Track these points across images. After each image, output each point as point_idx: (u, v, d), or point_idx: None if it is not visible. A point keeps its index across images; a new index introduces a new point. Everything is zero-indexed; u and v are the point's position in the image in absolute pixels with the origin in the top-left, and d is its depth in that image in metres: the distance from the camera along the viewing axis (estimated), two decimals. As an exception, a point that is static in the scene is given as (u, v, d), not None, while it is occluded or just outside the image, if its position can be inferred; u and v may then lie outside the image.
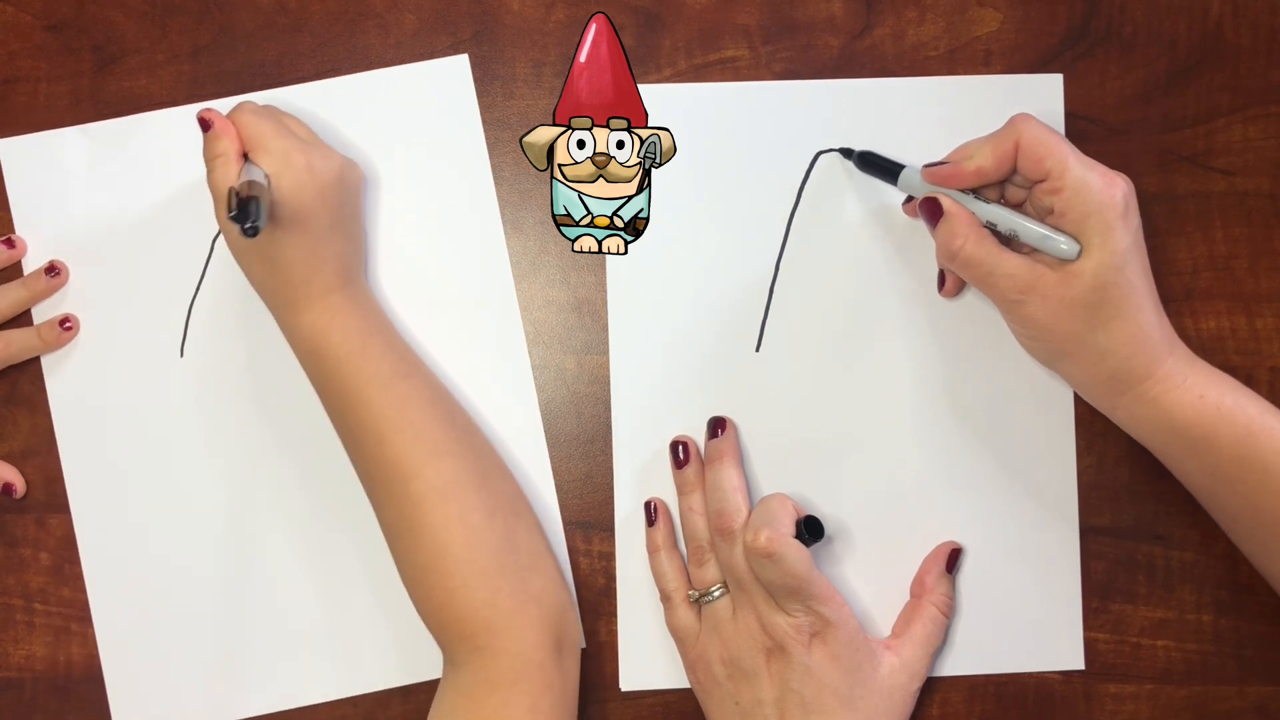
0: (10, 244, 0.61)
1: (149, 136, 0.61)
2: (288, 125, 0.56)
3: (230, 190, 0.50)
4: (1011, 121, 0.53)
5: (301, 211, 0.53)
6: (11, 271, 0.61)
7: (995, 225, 0.53)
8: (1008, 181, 0.54)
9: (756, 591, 0.55)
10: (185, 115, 0.61)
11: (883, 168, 0.57)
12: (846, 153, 0.59)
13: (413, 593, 0.55)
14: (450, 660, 0.54)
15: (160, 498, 0.61)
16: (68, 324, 0.60)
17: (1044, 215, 0.52)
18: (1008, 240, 0.53)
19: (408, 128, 0.60)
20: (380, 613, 0.60)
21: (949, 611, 0.58)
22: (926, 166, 0.54)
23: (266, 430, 0.61)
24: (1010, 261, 0.52)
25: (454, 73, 0.60)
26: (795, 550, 0.53)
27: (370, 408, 0.54)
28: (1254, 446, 0.51)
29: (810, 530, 0.55)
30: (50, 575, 0.61)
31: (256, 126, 0.54)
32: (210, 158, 0.54)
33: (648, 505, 0.59)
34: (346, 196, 0.57)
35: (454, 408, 0.58)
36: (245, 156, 0.54)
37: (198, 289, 0.61)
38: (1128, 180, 0.51)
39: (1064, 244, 0.51)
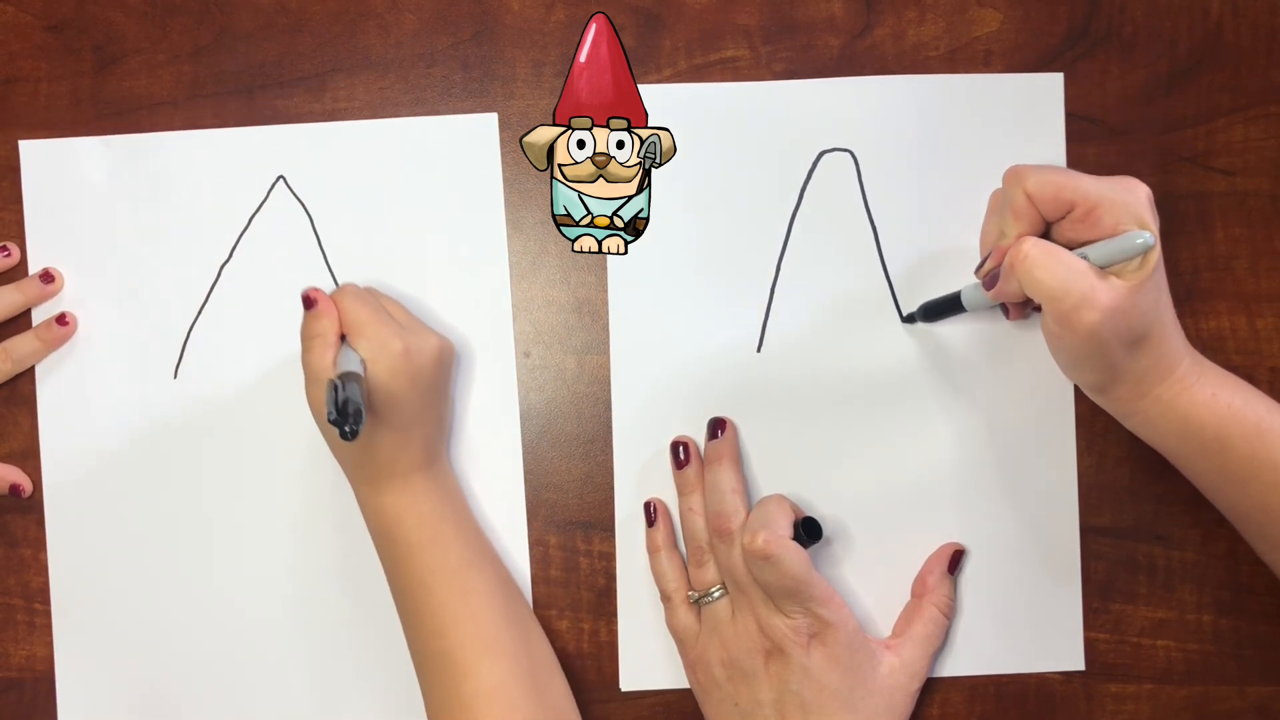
0: (6, 252, 0.61)
1: (171, 156, 0.61)
2: (387, 309, 0.56)
3: (330, 385, 0.49)
4: (1007, 183, 0.53)
5: (394, 397, 0.53)
6: (8, 277, 0.61)
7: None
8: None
9: (755, 593, 0.55)
10: (209, 138, 0.61)
11: (945, 306, 0.57)
12: (910, 319, 0.59)
13: None
14: None
15: (135, 513, 0.61)
16: (65, 320, 0.60)
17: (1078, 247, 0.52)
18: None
19: (429, 175, 0.61)
20: (355, 648, 0.60)
21: (950, 612, 0.58)
22: (978, 272, 0.55)
23: (251, 461, 0.61)
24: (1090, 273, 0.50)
25: (481, 129, 0.61)
26: (793, 552, 0.53)
27: (433, 598, 0.54)
28: (1264, 445, 0.51)
29: (808, 532, 0.55)
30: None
31: (356, 311, 0.54)
32: (309, 336, 0.54)
33: (647, 506, 0.59)
34: (440, 377, 0.57)
35: (515, 601, 0.57)
36: (343, 338, 0.54)
37: (199, 313, 0.61)
38: (1145, 188, 0.51)
39: (1138, 239, 0.49)
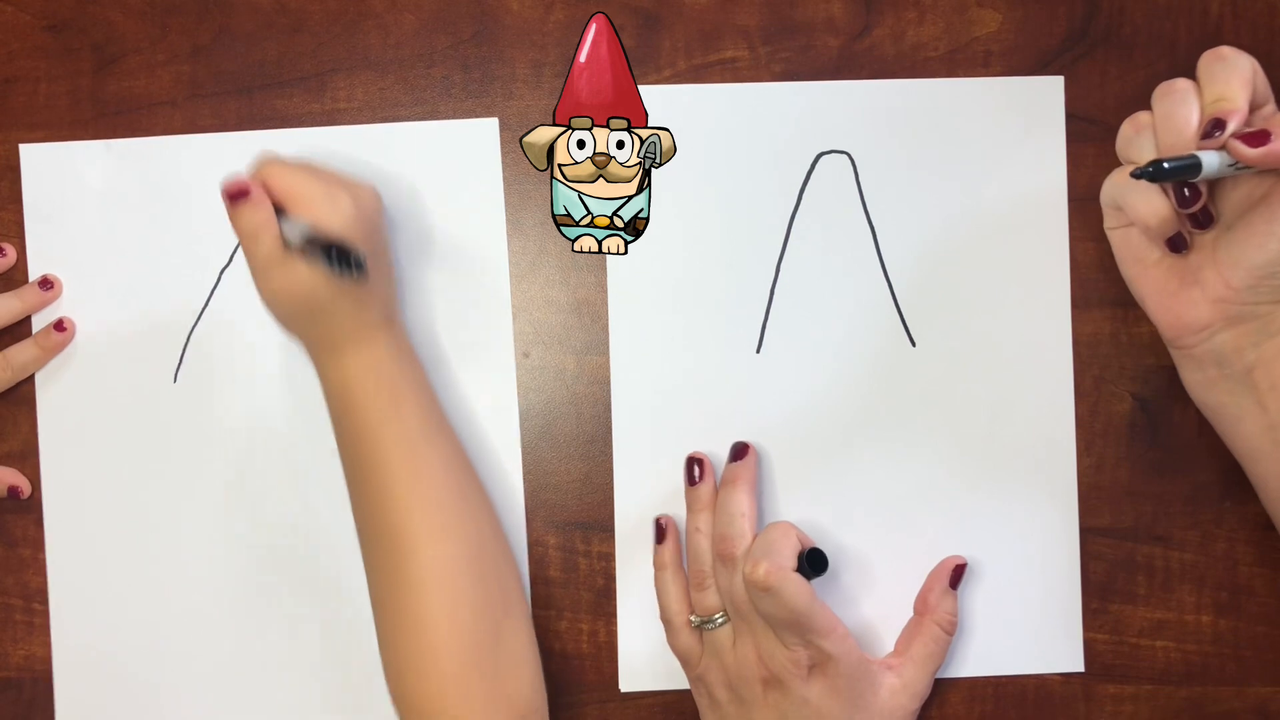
0: (1, 252, 0.61)
1: (171, 159, 0.61)
2: (315, 169, 0.54)
3: (314, 250, 0.48)
4: (1224, 55, 0.48)
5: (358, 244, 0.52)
6: (7, 288, 0.61)
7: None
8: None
9: (755, 622, 0.54)
10: (210, 142, 0.61)
11: (1180, 170, 0.48)
12: (1143, 173, 0.49)
13: (387, 664, 0.54)
14: None
15: (135, 518, 0.61)
16: (62, 326, 0.60)
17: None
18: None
19: (429, 180, 0.61)
20: (355, 649, 0.60)
21: (952, 629, 0.57)
22: (1231, 139, 0.48)
23: (249, 466, 0.61)
24: None
25: (482, 134, 0.60)
26: (794, 584, 0.52)
27: (388, 472, 0.53)
28: None
29: (812, 564, 0.53)
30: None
31: (290, 178, 0.52)
32: (252, 229, 0.51)
33: (657, 522, 0.59)
34: (382, 226, 0.56)
35: (468, 479, 0.56)
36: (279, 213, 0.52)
37: (199, 318, 0.61)
38: None
39: None
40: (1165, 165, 0.48)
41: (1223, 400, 0.52)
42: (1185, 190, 0.49)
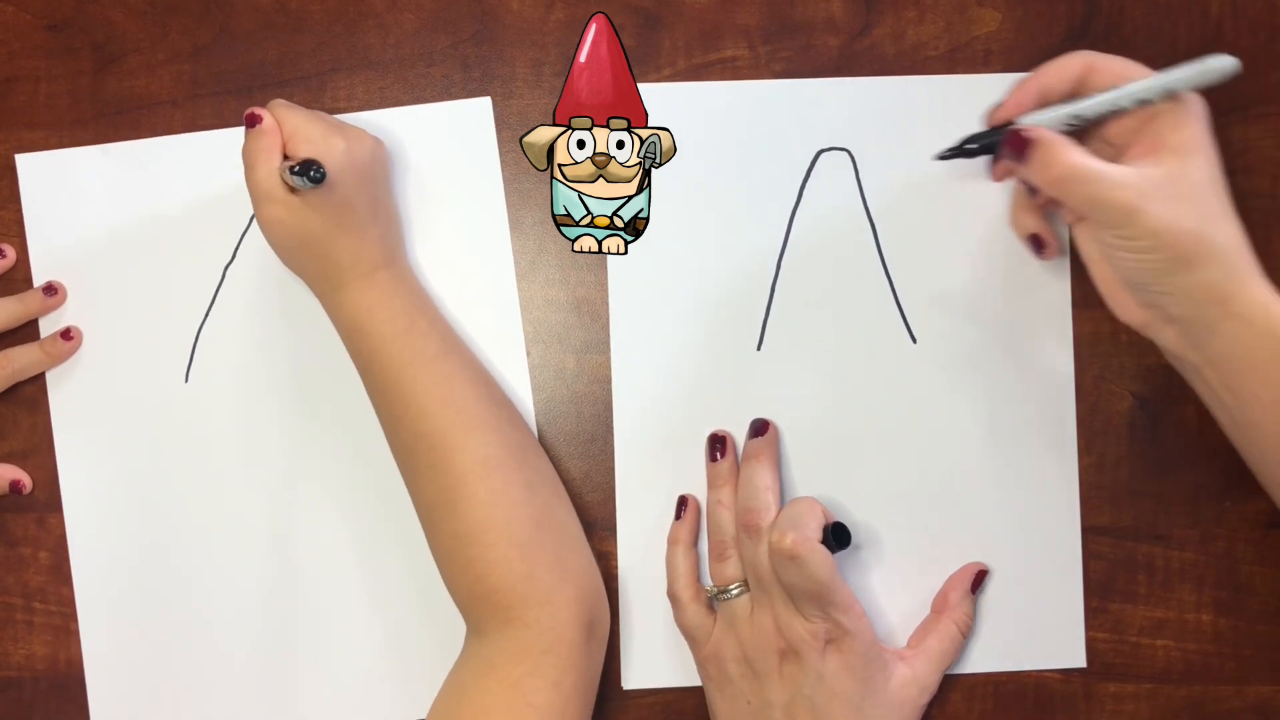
0: (0, 253, 0.61)
1: (169, 159, 0.61)
2: (320, 115, 0.57)
3: (286, 170, 0.52)
4: (1073, 54, 0.52)
5: (346, 193, 0.54)
6: (10, 287, 0.61)
7: (1085, 116, 0.51)
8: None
9: (776, 593, 0.54)
10: (207, 140, 0.61)
11: (971, 146, 0.54)
12: (955, 153, 0.54)
13: (448, 565, 0.55)
14: (477, 631, 0.54)
15: (153, 516, 0.61)
16: (69, 335, 0.60)
17: (1106, 145, 0.51)
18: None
19: (427, 164, 0.61)
20: (373, 639, 0.60)
21: (968, 631, 0.58)
22: (991, 112, 0.53)
23: (263, 462, 0.61)
24: (1119, 170, 0.49)
25: (476, 114, 0.61)
26: (819, 555, 0.53)
27: (415, 384, 0.54)
28: None
29: (837, 537, 0.54)
30: (50, 574, 0.61)
31: (292, 118, 0.54)
32: (255, 152, 0.54)
33: (681, 500, 0.59)
34: (381, 173, 0.57)
35: (493, 385, 0.58)
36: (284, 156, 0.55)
37: (206, 316, 0.61)
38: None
39: (1212, 60, 0.47)
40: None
41: (1199, 391, 0.53)
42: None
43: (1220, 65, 0.47)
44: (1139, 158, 0.50)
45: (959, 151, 0.54)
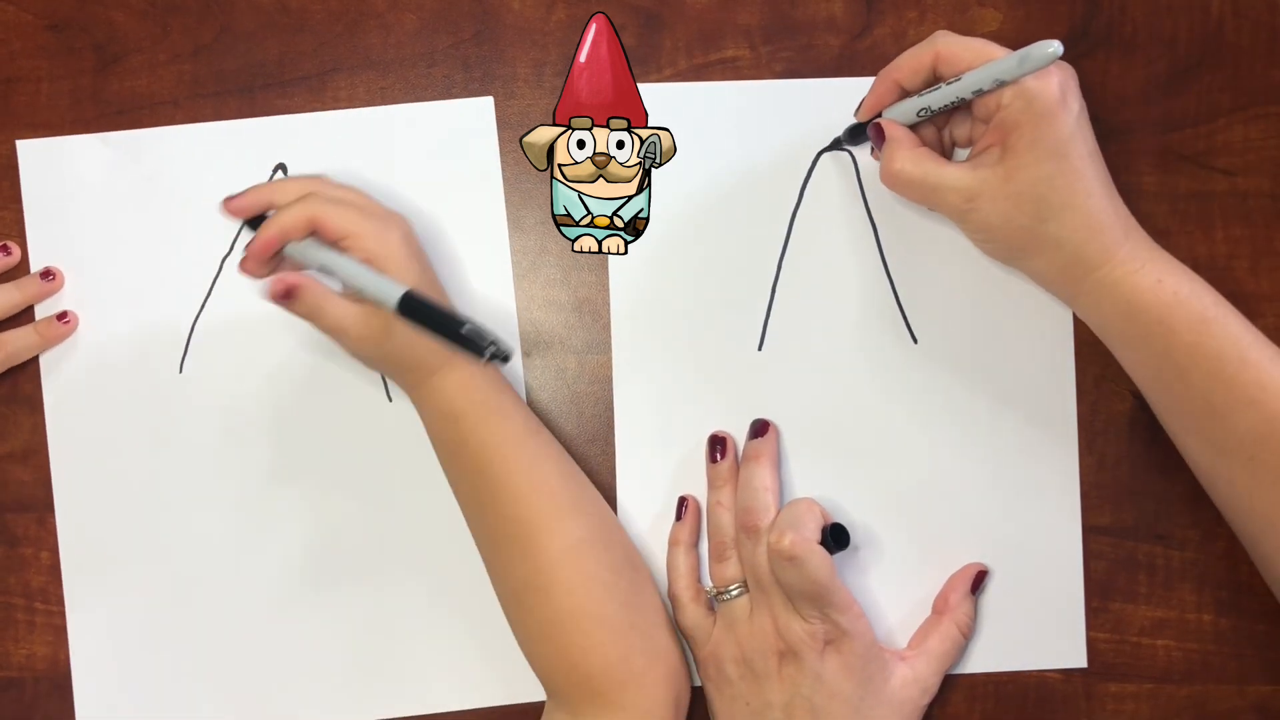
0: (6, 250, 0.61)
1: (169, 149, 0.61)
2: (356, 200, 0.55)
3: (458, 332, 0.51)
4: (930, 38, 0.53)
5: (413, 279, 0.53)
6: (9, 276, 0.61)
7: (931, 107, 0.53)
8: (948, 124, 0.56)
9: (775, 594, 0.54)
10: (208, 131, 0.61)
11: (849, 145, 0.59)
12: (837, 143, 0.59)
13: (539, 647, 0.55)
14: (570, 711, 0.54)
15: (146, 508, 0.61)
16: (66, 318, 0.60)
17: (981, 124, 0.53)
18: (949, 149, 0.56)
19: (428, 164, 0.61)
20: (369, 638, 0.60)
21: (969, 632, 0.58)
22: (857, 107, 0.57)
23: (257, 454, 0.61)
24: (951, 173, 0.52)
25: (478, 114, 0.61)
26: (818, 556, 0.53)
27: (506, 466, 0.54)
28: (1208, 334, 0.50)
29: (835, 538, 0.55)
30: (50, 574, 0.61)
31: (341, 217, 0.53)
32: (309, 310, 0.53)
33: (681, 500, 0.59)
34: (421, 250, 0.56)
35: (573, 464, 0.58)
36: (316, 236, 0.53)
37: (202, 307, 0.61)
38: (1065, 67, 0.51)
39: (1035, 49, 0.48)
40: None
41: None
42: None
43: (1040, 54, 0.48)
44: (988, 146, 0.52)
45: (837, 145, 0.59)
